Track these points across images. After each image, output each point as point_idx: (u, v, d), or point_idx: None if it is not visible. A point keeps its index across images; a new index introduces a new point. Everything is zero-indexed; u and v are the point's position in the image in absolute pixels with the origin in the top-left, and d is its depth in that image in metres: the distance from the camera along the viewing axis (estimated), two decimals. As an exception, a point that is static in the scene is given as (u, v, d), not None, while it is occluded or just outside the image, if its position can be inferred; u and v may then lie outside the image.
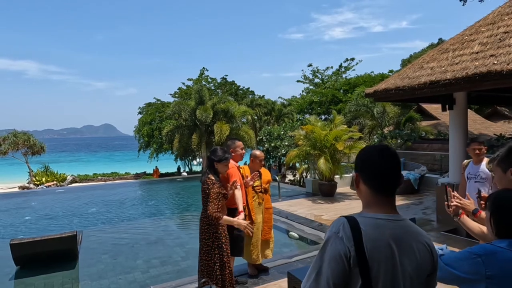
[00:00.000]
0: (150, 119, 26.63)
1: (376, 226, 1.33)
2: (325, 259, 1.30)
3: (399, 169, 1.42)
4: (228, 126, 19.60)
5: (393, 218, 1.37)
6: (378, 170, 1.39)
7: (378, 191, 1.39)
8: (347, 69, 32.11)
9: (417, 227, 1.43)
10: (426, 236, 1.41)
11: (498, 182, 2.19)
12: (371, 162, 1.41)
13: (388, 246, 1.31)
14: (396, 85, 6.87)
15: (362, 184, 1.43)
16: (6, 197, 13.76)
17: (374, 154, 1.42)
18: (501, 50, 5.76)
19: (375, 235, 1.31)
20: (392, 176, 1.40)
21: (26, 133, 25.82)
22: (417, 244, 1.36)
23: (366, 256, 1.27)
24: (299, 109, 29.47)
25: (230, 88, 27.96)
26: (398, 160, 1.43)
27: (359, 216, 1.38)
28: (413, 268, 1.34)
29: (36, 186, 23.03)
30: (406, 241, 1.34)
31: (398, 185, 1.41)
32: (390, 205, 1.40)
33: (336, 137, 9.29)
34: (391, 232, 1.33)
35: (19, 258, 5.37)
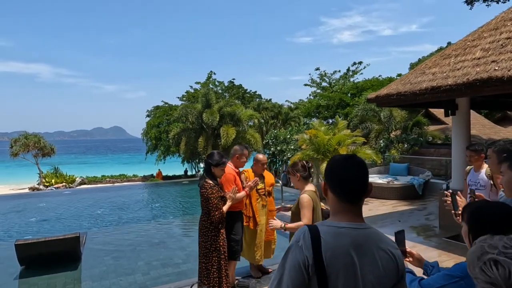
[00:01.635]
0: (158, 122, 26.90)
1: (337, 234, 1.35)
2: (286, 268, 1.33)
3: (365, 178, 1.44)
4: (234, 129, 19.69)
5: (356, 226, 1.37)
6: (343, 179, 1.41)
7: (343, 199, 1.41)
8: (355, 73, 32.02)
9: (382, 235, 1.43)
10: (391, 244, 1.41)
11: (506, 185, 2.17)
12: (337, 171, 1.44)
13: (347, 255, 1.32)
14: (397, 90, 6.87)
15: (329, 192, 1.46)
16: (15, 198, 14.05)
17: (340, 163, 1.46)
18: (503, 56, 5.73)
19: (334, 244, 1.32)
20: (357, 185, 1.42)
21: (37, 135, 26.28)
22: (379, 252, 1.36)
23: (324, 265, 1.29)
24: (306, 113, 29.46)
25: (237, 92, 28.11)
26: (364, 170, 1.45)
27: (322, 225, 1.41)
28: (376, 277, 1.33)
29: (45, 188, 23.42)
30: (367, 249, 1.35)
31: (364, 194, 1.43)
32: (355, 213, 1.41)
33: (339, 142, 9.30)
34: (352, 240, 1.34)
35: (23, 258, 5.51)
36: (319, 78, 32.46)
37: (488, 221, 1.48)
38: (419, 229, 7.31)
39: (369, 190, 1.45)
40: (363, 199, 1.45)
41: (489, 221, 1.48)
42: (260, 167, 4.98)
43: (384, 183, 10.13)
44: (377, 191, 10.12)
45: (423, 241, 6.49)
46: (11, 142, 25.32)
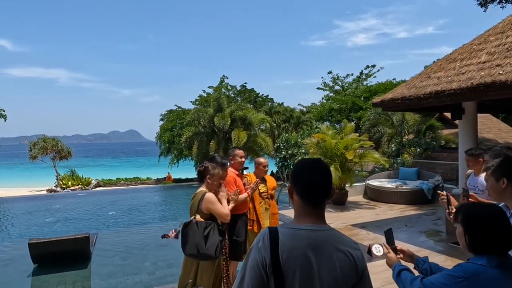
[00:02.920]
0: (171, 126, 27.28)
1: (295, 236, 1.40)
2: (247, 268, 1.41)
3: (328, 183, 1.50)
4: (245, 133, 19.84)
5: (315, 228, 1.42)
6: (306, 182, 1.48)
7: (306, 202, 1.47)
8: (368, 76, 31.82)
9: (342, 237, 1.47)
10: (350, 245, 1.44)
11: (491, 190, 2.26)
12: (301, 175, 1.50)
13: (304, 256, 1.37)
14: (402, 94, 6.88)
15: (295, 195, 1.51)
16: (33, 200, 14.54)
17: (305, 167, 1.52)
18: (508, 60, 5.70)
19: (291, 245, 1.38)
20: (320, 189, 1.47)
21: (55, 138, 27.02)
22: (337, 254, 1.39)
23: (280, 265, 1.35)
24: (318, 117, 29.40)
25: (249, 96, 28.30)
26: (327, 175, 1.50)
27: (282, 227, 1.48)
28: (333, 277, 1.37)
29: (62, 190, 24.05)
30: (324, 250, 1.38)
31: (327, 197, 1.49)
32: (317, 215, 1.47)
33: (346, 146, 9.32)
34: (310, 242, 1.38)
35: (36, 256, 5.75)
36: (331, 81, 32.40)
37: (481, 221, 1.58)
38: (426, 233, 7.26)
39: (331, 194, 1.52)
40: (325, 202, 1.51)
41: (482, 222, 1.58)
42: (262, 170, 5.08)
43: (392, 187, 10.08)
44: (386, 196, 10.08)
45: (429, 246, 6.46)
46: (30, 145, 26.08)
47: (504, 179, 2.12)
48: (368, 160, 9.59)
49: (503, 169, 2.15)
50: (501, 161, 2.24)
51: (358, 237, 7.04)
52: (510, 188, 2.13)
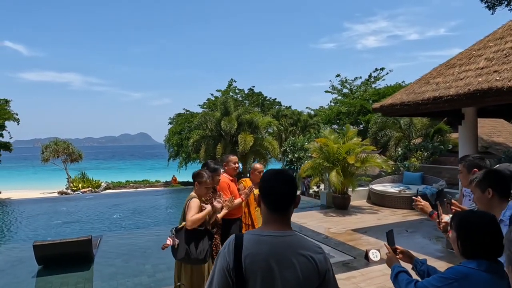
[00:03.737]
0: (179, 129, 27.60)
1: (258, 242, 1.50)
2: (215, 272, 1.53)
3: (292, 191, 1.61)
4: (252, 136, 19.96)
5: (278, 234, 1.51)
6: (270, 191, 1.59)
7: (271, 209, 1.58)
8: (377, 79, 31.64)
9: (305, 242, 1.55)
10: (312, 250, 1.52)
11: (478, 201, 2.35)
12: (267, 184, 1.62)
13: (266, 261, 1.46)
14: (401, 100, 6.92)
15: (262, 203, 1.63)
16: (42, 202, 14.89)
17: (271, 177, 1.64)
18: (506, 66, 5.71)
19: (254, 250, 1.48)
20: (282, 197, 1.58)
21: (66, 141, 27.56)
22: (298, 258, 1.46)
23: (243, 270, 1.45)
24: (326, 120, 29.35)
25: (257, 99, 28.44)
26: (291, 184, 1.61)
27: (248, 233, 1.58)
28: (294, 280, 1.44)
29: (73, 192, 24.50)
30: (286, 255, 1.46)
31: (290, 205, 1.59)
32: (281, 222, 1.57)
33: (348, 151, 9.35)
34: (272, 247, 1.48)
35: (41, 258, 5.95)
36: (340, 84, 32.30)
37: (475, 228, 1.68)
38: (426, 239, 7.25)
39: (296, 202, 1.63)
40: (291, 209, 1.61)
41: (475, 228, 1.68)
42: (257, 175, 5.17)
43: (395, 192, 10.06)
44: (389, 200, 10.06)
45: (429, 252, 6.46)
46: (42, 148, 26.67)
47: (489, 189, 2.21)
48: (370, 164, 9.59)
49: (487, 180, 2.24)
50: (485, 173, 2.34)
51: (357, 242, 7.06)
52: (496, 198, 2.22)
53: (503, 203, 2.24)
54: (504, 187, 2.25)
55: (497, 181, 2.24)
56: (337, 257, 6.29)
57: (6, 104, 23.59)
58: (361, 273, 5.56)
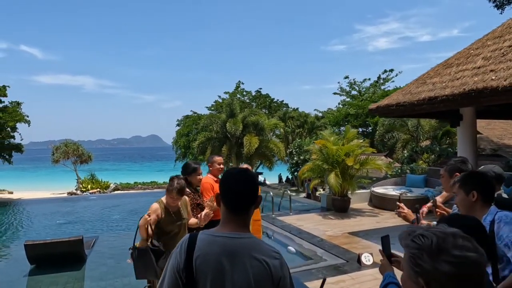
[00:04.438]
0: (187, 131, 27.76)
1: (211, 242, 1.46)
2: (167, 271, 1.50)
3: (251, 191, 1.54)
4: (257, 138, 19.93)
5: (233, 235, 1.46)
6: (229, 191, 1.54)
7: (229, 209, 1.53)
8: (386, 80, 31.25)
9: (259, 245, 1.48)
10: (267, 254, 1.45)
11: (460, 204, 2.24)
12: (227, 184, 1.57)
13: (218, 262, 1.42)
14: (397, 101, 6.78)
15: (221, 202, 1.58)
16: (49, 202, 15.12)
17: (229, 176, 1.60)
18: (502, 65, 5.53)
19: (206, 251, 1.44)
20: (243, 197, 1.53)
21: (76, 143, 27.99)
22: (251, 261, 1.41)
23: (193, 270, 1.42)
24: (334, 122, 29.12)
25: (264, 101, 28.40)
26: (251, 184, 1.56)
27: (202, 233, 1.53)
28: (246, 284, 1.40)
29: (82, 193, 24.84)
30: (239, 257, 1.42)
31: (248, 205, 1.53)
32: (238, 223, 1.51)
33: (347, 153, 9.21)
34: (225, 248, 1.43)
35: (32, 257, 6.01)
36: (348, 86, 32.03)
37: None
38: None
39: (257, 202, 1.57)
40: (250, 210, 1.55)
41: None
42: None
43: (396, 195, 9.85)
44: (389, 203, 9.85)
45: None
46: (52, 149, 27.13)
47: (474, 192, 2.11)
48: (371, 167, 9.42)
49: (473, 182, 2.14)
50: (470, 175, 2.25)
51: (352, 245, 6.93)
52: (480, 202, 2.13)
53: (485, 208, 2.14)
54: (489, 190, 2.16)
55: (483, 183, 2.14)
56: (330, 260, 6.17)
57: (18, 106, 24.06)
58: (351, 277, 5.43)
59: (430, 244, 1.02)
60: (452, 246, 1.00)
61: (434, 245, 1.01)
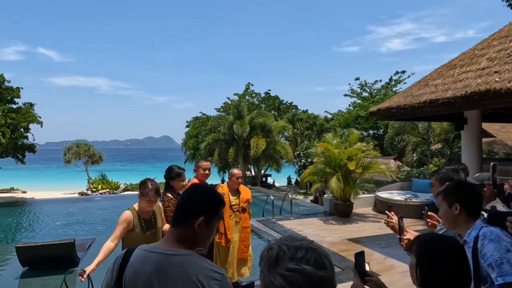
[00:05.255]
0: (196, 133, 27.81)
1: (144, 259, 1.36)
2: (102, 286, 1.43)
3: (191, 206, 1.46)
4: (264, 140, 19.78)
5: (170, 252, 1.36)
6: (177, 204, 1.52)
7: (171, 223, 1.47)
8: (398, 82, 30.64)
9: (196, 264, 1.36)
10: (205, 274, 1.33)
11: (443, 217, 2.09)
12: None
13: (147, 281, 1.32)
14: (398, 103, 6.53)
15: None
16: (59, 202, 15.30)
17: (186, 189, 1.58)
18: (507, 66, 5.25)
19: (137, 268, 1.34)
20: (181, 211, 1.47)
21: (87, 143, 28.38)
22: (185, 282, 1.31)
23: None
24: (345, 124, 28.72)
25: (273, 103, 28.23)
26: (191, 197, 1.49)
27: (140, 248, 1.42)
28: None
29: (92, 193, 25.13)
30: (171, 277, 1.32)
31: (187, 221, 1.42)
32: (178, 239, 1.41)
33: (349, 156, 8.97)
34: (158, 267, 1.33)
35: (23, 260, 6.00)
36: (359, 88, 31.55)
37: (437, 257, 1.43)
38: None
39: (199, 222, 1.41)
40: (190, 227, 1.41)
41: (438, 257, 1.43)
42: (235, 181, 4.96)
43: (401, 200, 9.56)
44: (394, 209, 9.53)
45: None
46: (64, 150, 27.56)
47: (456, 204, 1.94)
48: (373, 170, 9.15)
49: (455, 194, 1.96)
50: (454, 185, 2.06)
51: (350, 252, 6.70)
52: (464, 215, 1.95)
53: (470, 222, 1.95)
54: (473, 203, 1.97)
55: (466, 195, 1.95)
56: (325, 268, 5.98)
57: (31, 107, 24.51)
58: (344, 287, 5.23)
59: (271, 256, 0.98)
60: (290, 258, 0.95)
61: (273, 257, 0.97)
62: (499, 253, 1.78)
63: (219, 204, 1.52)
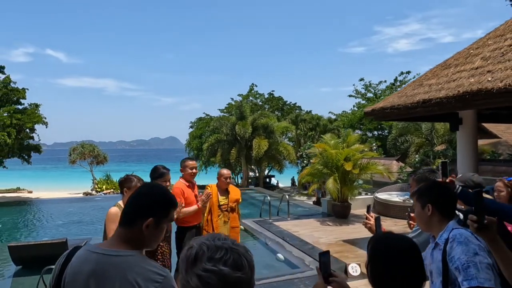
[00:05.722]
0: (200, 133, 27.86)
1: (85, 260, 1.34)
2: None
3: (139, 204, 1.44)
4: (266, 141, 19.77)
5: (111, 252, 1.34)
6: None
7: (119, 223, 1.45)
8: (403, 82, 30.40)
9: (140, 266, 1.32)
10: (145, 277, 1.30)
11: (417, 218, 2.06)
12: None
13: (85, 282, 1.30)
14: (392, 103, 6.46)
15: None
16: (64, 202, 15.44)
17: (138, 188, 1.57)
18: (500, 65, 5.16)
19: (77, 269, 1.33)
20: (128, 210, 1.45)
21: (92, 144, 28.63)
22: (123, 283, 1.28)
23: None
24: (349, 125, 28.56)
25: (276, 103, 28.19)
26: (144, 196, 1.47)
27: (84, 248, 1.41)
28: None
29: (97, 193, 25.32)
30: (109, 278, 1.30)
31: (133, 220, 1.41)
32: (122, 239, 1.40)
33: (347, 157, 8.90)
34: (96, 267, 1.31)
35: (16, 259, 6.05)
36: (363, 88, 31.38)
37: (386, 256, 1.44)
38: (421, 253, 6.70)
39: (147, 222, 1.39)
40: (136, 226, 1.40)
41: (387, 256, 1.44)
42: (223, 181, 4.95)
43: (399, 201, 9.46)
44: (393, 210, 9.49)
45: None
46: (69, 150, 27.82)
47: (429, 205, 1.90)
48: (371, 171, 9.09)
49: (428, 194, 1.93)
50: (426, 186, 2.03)
51: (344, 254, 6.64)
52: (437, 216, 1.91)
53: (443, 223, 1.91)
54: (446, 204, 1.92)
55: (439, 196, 1.91)
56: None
57: (36, 108, 24.77)
58: (333, 289, 5.18)
59: (189, 256, 0.97)
60: (208, 259, 0.94)
61: (192, 257, 0.96)
62: (466, 256, 1.73)
63: (169, 205, 1.49)
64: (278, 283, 5.26)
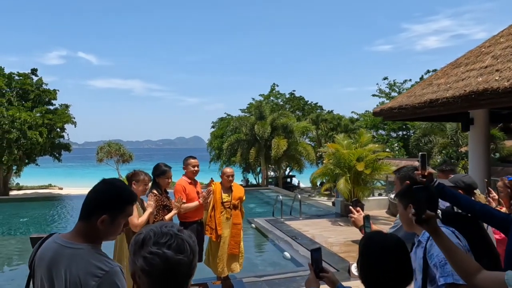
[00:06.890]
0: (221, 133, 28.21)
1: (48, 248, 1.48)
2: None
3: (94, 199, 1.49)
4: (285, 141, 19.77)
5: (66, 244, 1.46)
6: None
7: (79, 216, 1.52)
8: (429, 81, 29.60)
9: (86, 260, 1.41)
10: (86, 270, 1.38)
11: (401, 219, 2.13)
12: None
13: (46, 268, 1.44)
14: (400, 103, 6.39)
15: None
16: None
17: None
18: (509, 64, 5.03)
19: (42, 255, 1.48)
20: (84, 204, 1.50)
21: (118, 143, 29.58)
22: (69, 276, 1.39)
23: (31, 273, 1.52)
24: (372, 125, 28.06)
25: (297, 103, 28.11)
26: (99, 192, 1.51)
27: (52, 237, 1.55)
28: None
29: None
30: (62, 268, 1.40)
31: (89, 215, 1.47)
32: (78, 232, 1.49)
33: (359, 157, 8.83)
34: (54, 256, 1.44)
35: (37, 250, 6.45)
36: (388, 88, 30.71)
37: (374, 252, 1.51)
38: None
39: (102, 218, 1.45)
40: (92, 221, 1.46)
41: (375, 253, 1.51)
42: (226, 179, 5.11)
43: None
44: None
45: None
46: (97, 149, 28.89)
47: (410, 205, 1.93)
48: (385, 172, 8.97)
49: (409, 196, 1.97)
50: (407, 186, 2.08)
51: (350, 254, 6.65)
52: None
53: None
54: (427, 203, 2.00)
55: (418, 196, 2.00)
56: (321, 268, 5.97)
57: (66, 108, 25.90)
58: (334, 287, 5.21)
59: (137, 240, 1.07)
60: (153, 243, 1.03)
61: (139, 241, 1.06)
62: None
63: (124, 202, 1.52)
64: (280, 280, 5.36)
